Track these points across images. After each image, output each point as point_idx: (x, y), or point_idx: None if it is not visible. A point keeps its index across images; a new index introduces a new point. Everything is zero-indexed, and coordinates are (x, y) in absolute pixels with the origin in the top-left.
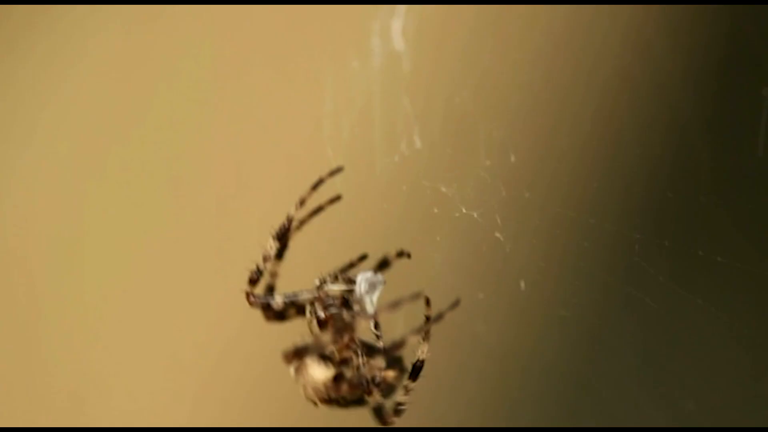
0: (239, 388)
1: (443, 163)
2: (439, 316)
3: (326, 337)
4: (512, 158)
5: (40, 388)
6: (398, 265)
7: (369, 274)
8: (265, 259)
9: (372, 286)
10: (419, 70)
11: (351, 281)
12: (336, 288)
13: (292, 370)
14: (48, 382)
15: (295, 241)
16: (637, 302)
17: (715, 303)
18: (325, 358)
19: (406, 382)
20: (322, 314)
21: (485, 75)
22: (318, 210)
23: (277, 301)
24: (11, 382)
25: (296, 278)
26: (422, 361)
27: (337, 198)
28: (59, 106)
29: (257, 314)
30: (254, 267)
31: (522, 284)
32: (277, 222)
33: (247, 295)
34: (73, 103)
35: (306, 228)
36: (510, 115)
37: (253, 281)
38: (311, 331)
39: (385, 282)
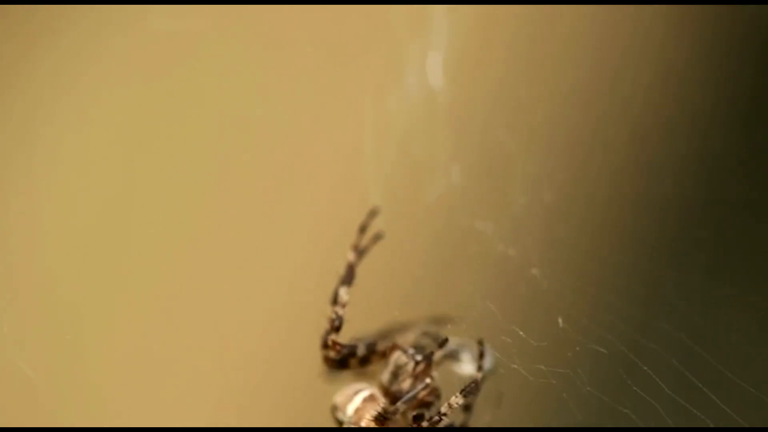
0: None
1: (479, 199)
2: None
3: (421, 379)
4: (547, 196)
5: (82, 392)
6: (439, 303)
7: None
8: (343, 305)
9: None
10: (455, 106)
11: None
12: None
13: (354, 409)
14: (88, 385)
15: (326, 271)
16: (673, 339)
17: (751, 341)
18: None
19: (455, 398)
20: (420, 358)
21: (519, 111)
22: (364, 251)
23: (361, 348)
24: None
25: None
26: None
27: (379, 236)
28: (88, 105)
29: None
30: (332, 315)
31: (560, 321)
32: (320, 256)
33: (333, 344)
34: (109, 102)
35: (339, 260)
36: (544, 150)
37: (338, 329)
38: (393, 377)
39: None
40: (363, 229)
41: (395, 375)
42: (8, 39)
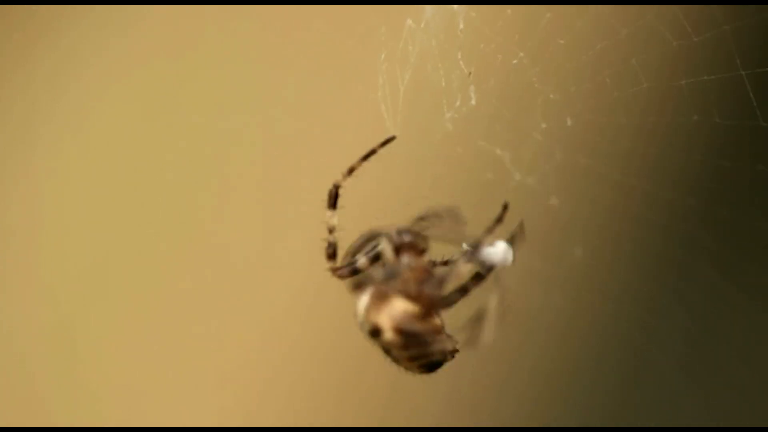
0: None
1: (498, 126)
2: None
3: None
4: (569, 122)
5: (91, 390)
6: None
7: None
8: (331, 230)
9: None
10: (475, 29)
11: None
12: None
13: (364, 308)
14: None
15: (345, 201)
16: (691, 270)
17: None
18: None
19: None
20: (403, 238)
21: (542, 35)
22: (371, 153)
23: (361, 261)
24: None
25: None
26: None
27: (391, 139)
28: (88, 105)
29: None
30: (325, 243)
31: (579, 251)
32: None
33: (333, 270)
34: (108, 102)
35: (357, 188)
36: (568, 78)
37: (332, 256)
38: (383, 266)
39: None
40: (367, 156)
41: (384, 264)
42: (8, 39)
